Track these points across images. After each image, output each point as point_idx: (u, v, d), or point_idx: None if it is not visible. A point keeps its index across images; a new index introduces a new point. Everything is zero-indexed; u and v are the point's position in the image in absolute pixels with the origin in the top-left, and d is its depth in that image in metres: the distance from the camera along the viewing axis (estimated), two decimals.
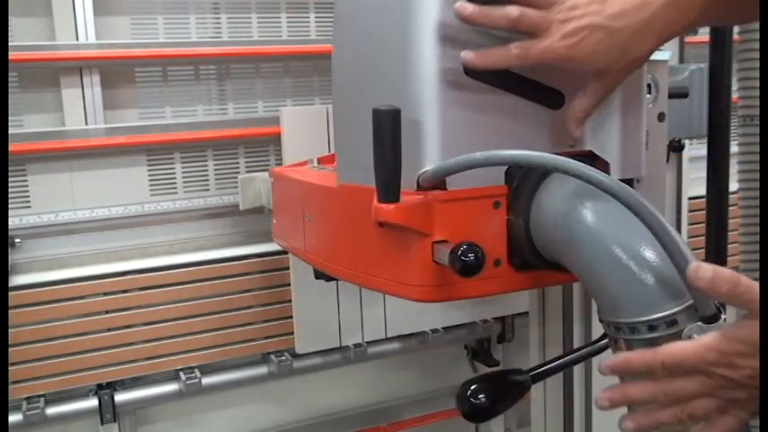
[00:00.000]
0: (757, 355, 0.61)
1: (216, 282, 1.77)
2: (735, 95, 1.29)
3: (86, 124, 1.72)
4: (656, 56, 0.89)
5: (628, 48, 0.76)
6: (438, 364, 2.14)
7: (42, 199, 1.71)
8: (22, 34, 1.66)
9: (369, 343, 1.87)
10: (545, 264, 0.82)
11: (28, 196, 1.70)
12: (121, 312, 1.69)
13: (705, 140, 1.30)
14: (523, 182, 0.81)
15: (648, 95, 0.91)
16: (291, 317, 1.80)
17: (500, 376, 0.91)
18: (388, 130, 0.73)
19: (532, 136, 0.83)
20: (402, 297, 0.83)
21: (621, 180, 0.71)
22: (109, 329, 1.69)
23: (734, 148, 1.29)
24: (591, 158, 0.86)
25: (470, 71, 0.79)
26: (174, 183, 1.83)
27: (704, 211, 1.32)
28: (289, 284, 1.79)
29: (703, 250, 1.32)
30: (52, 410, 1.66)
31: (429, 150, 0.79)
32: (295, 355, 1.83)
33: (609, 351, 0.81)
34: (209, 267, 1.76)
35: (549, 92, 0.83)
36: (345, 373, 2.00)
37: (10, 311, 1.56)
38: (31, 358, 1.62)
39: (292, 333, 1.81)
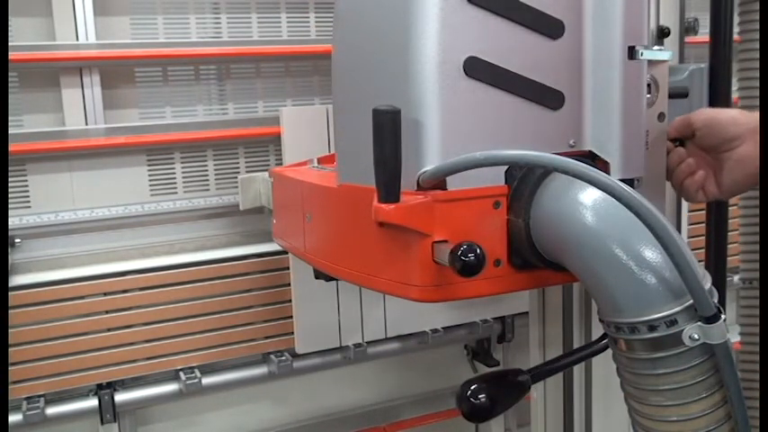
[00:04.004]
0: None
1: (216, 282, 1.77)
2: (735, 95, 1.29)
3: (86, 124, 1.72)
4: (656, 56, 0.89)
5: None
6: (438, 364, 2.14)
7: (42, 199, 1.71)
8: (22, 34, 1.66)
9: (369, 343, 1.87)
10: (545, 264, 0.82)
11: (28, 196, 1.70)
12: (121, 312, 1.69)
13: None
14: (523, 182, 0.81)
15: (648, 95, 0.91)
16: (291, 317, 1.80)
17: (500, 376, 0.91)
18: (388, 130, 0.73)
19: (532, 136, 0.83)
20: (402, 297, 0.83)
21: (621, 180, 0.71)
22: (109, 329, 1.69)
23: None
24: (591, 158, 0.86)
25: (470, 71, 0.79)
26: (174, 183, 1.83)
27: (704, 212, 1.32)
28: (289, 284, 1.79)
29: (703, 250, 1.32)
30: (52, 410, 1.66)
31: (429, 150, 0.79)
32: (295, 355, 1.83)
33: (609, 351, 0.81)
34: (209, 267, 1.76)
35: (549, 92, 0.83)
36: (345, 373, 2.00)
37: (10, 311, 1.56)
38: (31, 358, 1.62)
39: (292, 333, 1.81)
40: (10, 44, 1.60)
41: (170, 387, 1.77)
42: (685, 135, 0.96)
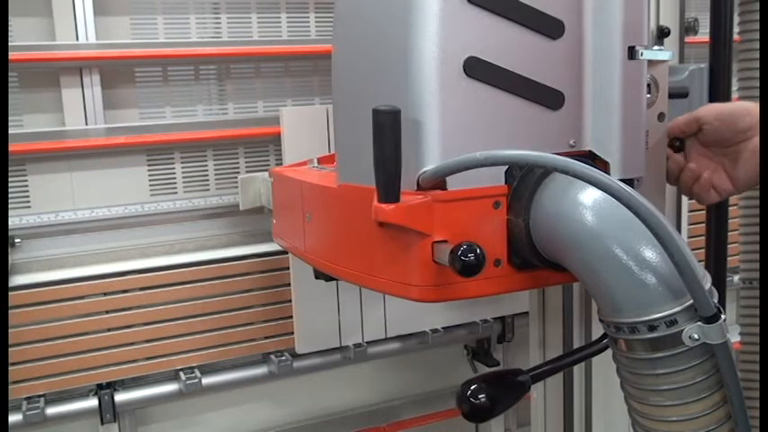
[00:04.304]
0: None
1: (216, 282, 1.77)
2: (735, 95, 1.29)
3: (86, 124, 1.72)
4: (656, 56, 0.89)
5: None
6: (438, 364, 2.14)
7: (42, 199, 1.71)
8: (22, 34, 1.66)
9: (369, 343, 1.87)
10: (545, 264, 0.82)
11: (28, 196, 1.70)
12: (121, 312, 1.69)
13: None
14: (523, 182, 0.81)
15: (648, 95, 0.91)
16: (291, 317, 1.80)
17: (500, 376, 0.91)
18: (388, 130, 0.73)
19: (532, 136, 0.83)
20: (402, 297, 0.83)
21: (621, 180, 0.71)
22: (109, 329, 1.69)
23: None
24: (591, 158, 0.86)
25: (470, 71, 0.79)
26: (174, 183, 1.83)
27: (704, 212, 1.32)
28: (289, 284, 1.79)
29: (703, 250, 1.32)
30: (52, 410, 1.66)
31: (429, 150, 0.79)
32: (295, 355, 1.83)
33: (609, 351, 0.81)
34: (209, 267, 1.76)
35: (549, 92, 0.83)
36: (345, 373, 2.00)
37: (10, 311, 1.56)
38: (31, 358, 1.62)
39: (292, 333, 1.81)
40: (10, 44, 1.60)
41: (170, 387, 1.77)
42: (690, 132, 0.95)
